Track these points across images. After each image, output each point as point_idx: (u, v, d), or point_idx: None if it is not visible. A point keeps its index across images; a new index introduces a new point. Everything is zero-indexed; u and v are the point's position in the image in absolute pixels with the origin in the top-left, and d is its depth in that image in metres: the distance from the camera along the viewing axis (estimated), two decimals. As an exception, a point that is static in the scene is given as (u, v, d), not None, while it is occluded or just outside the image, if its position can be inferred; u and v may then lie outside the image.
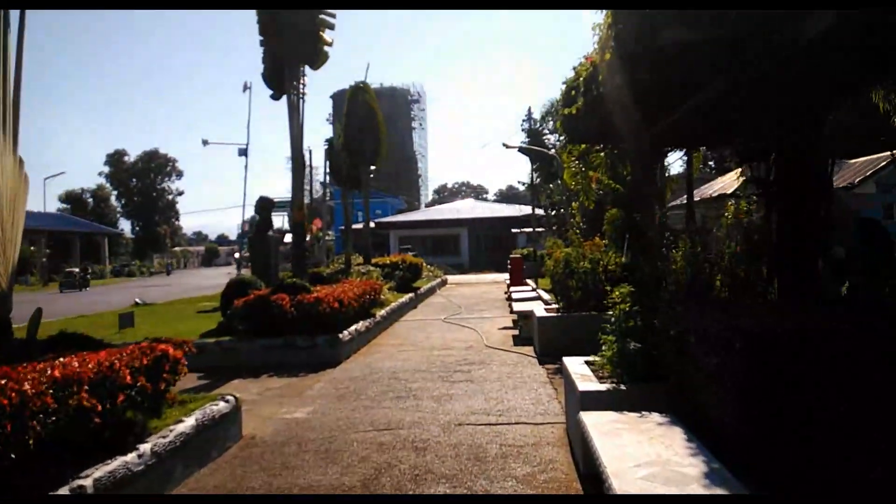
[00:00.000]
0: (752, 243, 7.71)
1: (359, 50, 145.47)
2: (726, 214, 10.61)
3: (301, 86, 12.13)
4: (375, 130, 19.31)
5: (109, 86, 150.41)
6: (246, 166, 26.05)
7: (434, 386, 7.68)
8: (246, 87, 21.73)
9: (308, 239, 48.57)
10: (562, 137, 27.20)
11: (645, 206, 10.22)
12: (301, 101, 12.08)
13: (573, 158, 13.62)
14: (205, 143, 27.82)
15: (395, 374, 8.54)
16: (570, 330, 9.55)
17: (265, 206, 17.53)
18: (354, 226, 59.08)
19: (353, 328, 10.48)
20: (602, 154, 12.23)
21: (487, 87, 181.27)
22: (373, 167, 20.11)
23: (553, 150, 24.44)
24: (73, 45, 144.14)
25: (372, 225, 53.10)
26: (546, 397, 6.95)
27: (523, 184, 40.57)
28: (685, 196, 23.42)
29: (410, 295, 17.87)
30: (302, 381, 8.28)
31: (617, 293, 5.28)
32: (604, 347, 5.07)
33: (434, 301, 20.22)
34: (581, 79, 9.18)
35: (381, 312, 13.19)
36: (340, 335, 9.73)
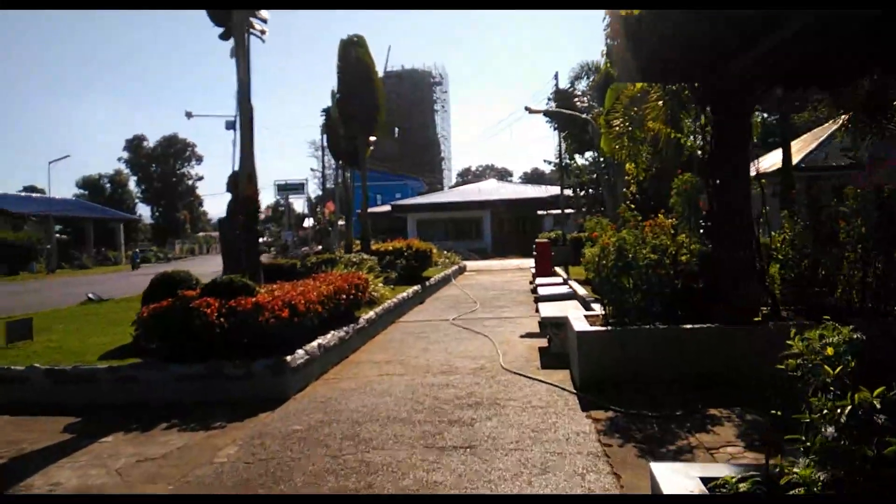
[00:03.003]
0: None
1: (377, 30, 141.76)
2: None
3: (253, 19, 9.09)
4: (372, 92, 16.05)
5: (126, 66, 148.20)
6: (234, 141, 22.99)
7: (410, 459, 4.62)
8: (234, 54, 18.54)
9: (315, 224, 45.77)
10: (593, 109, 23.69)
11: (733, 170, 7.00)
12: (249, 36, 9.05)
13: (616, 114, 10.37)
14: (188, 115, 24.78)
15: (358, 425, 5.51)
16: (628, 353, 6.45)
17: (239, 184, 14.60)
18: (372, 209, 56.31)
19: (314, 344, 7.48)
20: (660, 103, 9.00)
21: (512, 70, 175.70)
22: (372, 138, 16.94)
23: (589, 116, 20.94)
24: (86, 31, 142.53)
25: (387, 208, 50.42)
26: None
27: (549, 162, 37.13)
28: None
29: (416, 288, 14.83)
30: (208, 441, 5.27)
31: (824, 338, 2.09)
32: None
33: (446, 294, 17.17)
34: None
35: (369, 315, 10.18)
36: (289, 357, 6.72)
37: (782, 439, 2.15)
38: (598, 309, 9.73)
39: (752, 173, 7.44)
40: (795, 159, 22.21)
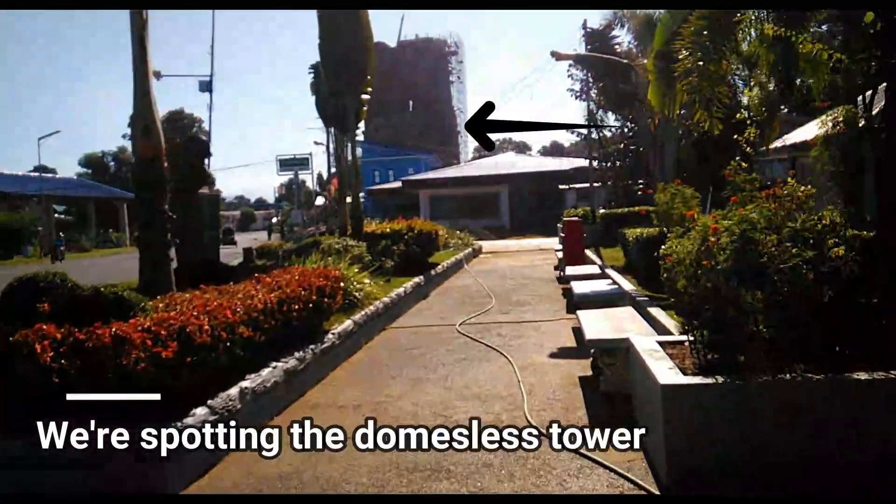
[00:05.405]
0: None
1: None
2: None
3: None
4: (358, 32, 13.00)
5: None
6: (210, 106, 20.36)
7: None
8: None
9: (325, 202, 43.08)
10: (635, 59, 20.30)
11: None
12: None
13: (683, 42, 7.43)
14: (157, 75, 21.80)
15: None
16: (759, 421, 3.67)
17: (196, 152, 11.88)
18: (383, 185, 53.36)
19: (233, 391, 4.76)
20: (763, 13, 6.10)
21: (530, 35, 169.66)
22: (365, 96, 14.02)
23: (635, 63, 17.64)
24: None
25: (398, 184, 47.44)
26: None
27: (573, 131, 33.83)
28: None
29: (417, 280, 12.06)
30: None
31: None
32: None
33: (456, 284, 14.40)
34: None
35: (344, 326, 7.47)
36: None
37: None
38: (661, 319, 6.92)
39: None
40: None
